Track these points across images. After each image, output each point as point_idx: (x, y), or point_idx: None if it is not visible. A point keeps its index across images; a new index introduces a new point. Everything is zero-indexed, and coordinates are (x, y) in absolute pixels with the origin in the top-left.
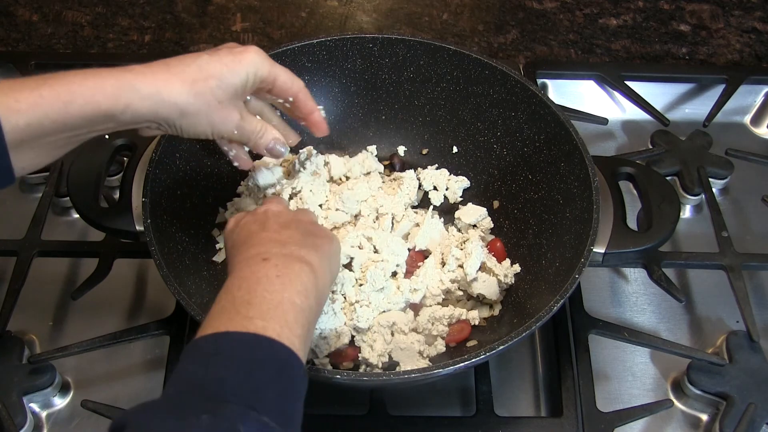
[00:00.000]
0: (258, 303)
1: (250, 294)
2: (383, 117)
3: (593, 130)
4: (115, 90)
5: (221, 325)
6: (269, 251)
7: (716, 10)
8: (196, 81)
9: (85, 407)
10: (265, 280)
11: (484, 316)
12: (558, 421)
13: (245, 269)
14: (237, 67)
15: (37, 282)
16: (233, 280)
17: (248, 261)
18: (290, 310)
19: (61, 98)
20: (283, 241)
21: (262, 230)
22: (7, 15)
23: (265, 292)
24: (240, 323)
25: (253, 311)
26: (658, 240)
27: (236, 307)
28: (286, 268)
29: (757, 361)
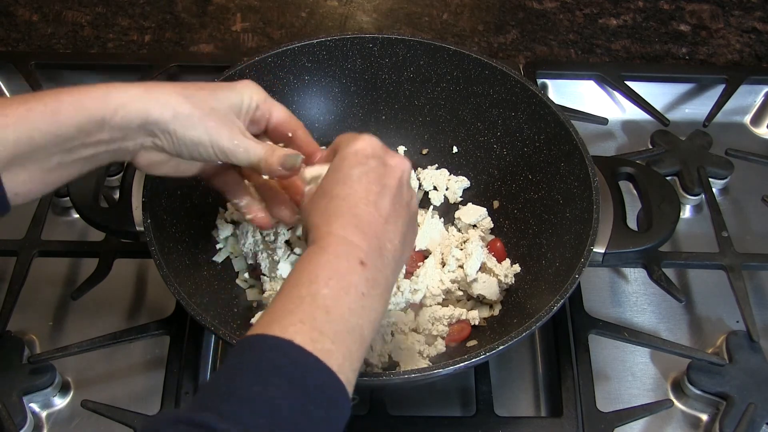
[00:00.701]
0: (336, 318)
1: (333, 300)
2: (383, 117)
3: (593, 130)
4: (104, 93)
5: (292, 326)
6: (370, 255)
7: (716, 10)
8: (186, 88)
9: (85, 407)
10: (354, 291)
11: (484, 316)
12: (558, 421)
13: (343, 261)
14: (230, 88)
15: (37, 282)
16: (324, 269)
17: (350, 250)
18: (358, 340)
19: (49, 107)
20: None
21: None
22: (7, 15)
23: (346, 308)
24: (309, 335)
25: (327, 326)
26: (658, 240)
27: (314, 309)
28: (373, 287)
29: (757, 361)
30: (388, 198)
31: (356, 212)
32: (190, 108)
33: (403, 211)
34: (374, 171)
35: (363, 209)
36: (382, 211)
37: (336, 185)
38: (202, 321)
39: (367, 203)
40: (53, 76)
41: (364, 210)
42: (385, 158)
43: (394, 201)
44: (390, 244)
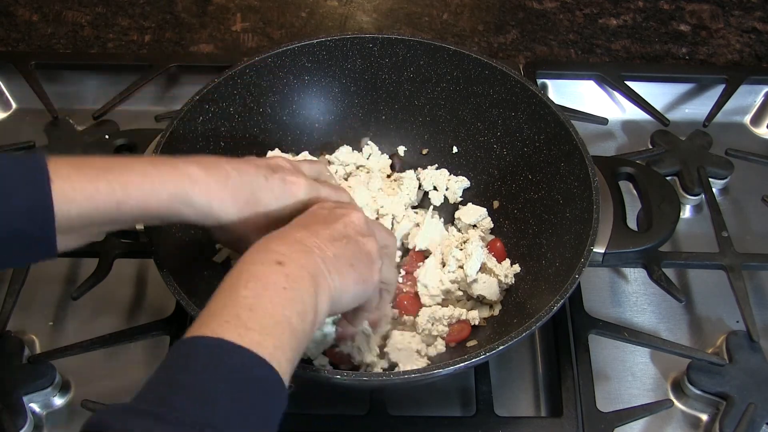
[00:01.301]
0: (260, 313)
1: (255, 299)
2: (383, 117)
3: (593, 130)
4: (170, 199)
5: (219, 326)
6: (289, 256)
7: (716, 10)
8: (245, 205)
9: (85, 407)
10: (273, 288)
11: (484, 316)
12: (558, 421)
13: (258, 266)
14: (284, 200)
15: (37, 282)
16: (243, 275)
17: (267, 256)
18: (287, 330)
19: (116, 196)
20: (312, 249)
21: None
22: (7, 15)
23: (268, 303)
24: (236, 331)
25: (252, 322)
26: (658, 240)
27: (237, 309)
28: (295, 282)
29: (757, 361)
30: (323, 227)
31: (285, 234)
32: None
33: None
34: (319, 214)
35: (293, 230)
36: (312, 230)
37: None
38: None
39: (299, 227)
40: (53, 76)
41: (295, 230)
42: (334, 209)
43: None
44: (318, 251)
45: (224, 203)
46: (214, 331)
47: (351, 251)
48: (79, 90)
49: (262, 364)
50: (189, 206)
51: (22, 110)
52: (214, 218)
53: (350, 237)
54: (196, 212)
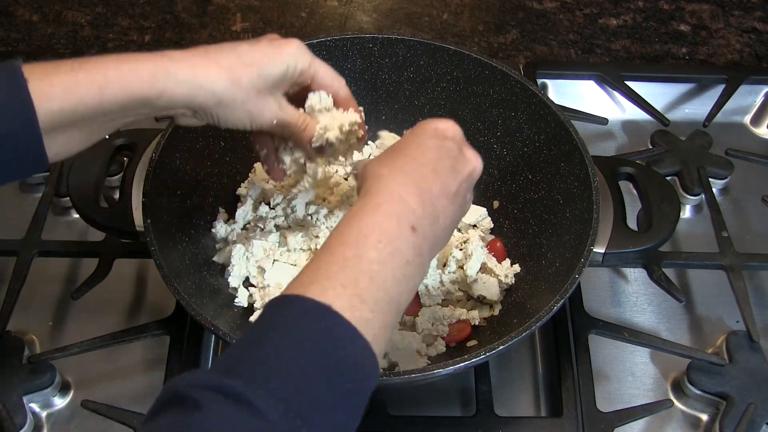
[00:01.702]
0: (378, 285)
1: (379, 266)
2: (383, 117)
3: (593, 130)
4: (151, 76)
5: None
6: (422, 222)
7: (716, 10)
8: (233, 68)
9: (85, 407)
10: (399, 257)
11: (484, 316)
12: (558, 421)
13: (393, 223)
14: (276, 57)
15: (37, 282)
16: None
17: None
18: (394, 310)
19: (96, 83)
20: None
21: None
22: (7, 15)
23: (390, 275)
24: (349, 301)
25: (368, 293)
26: (658, 240)
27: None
28: (418, 255)
29: (757, 361)
30: (455, 180)
31: (421, 174)
32: (234, 94)
33: (461, 199)
34: (449, 150)
35: (428, 174)
36: (446, 184)
37: (409, 146)
38: (202, 321)
39: (434, 170)
40: None
41: (429, 175)
42: (463, 147)
43: (459, 185)
44: (443, 218)
45: (209, 70)
46: (325, 294)
47: (461, 214)
48: None
49: (365, 350)
50: (173, 80)
51: None
52: (203, 90)
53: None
54: (183, 87)
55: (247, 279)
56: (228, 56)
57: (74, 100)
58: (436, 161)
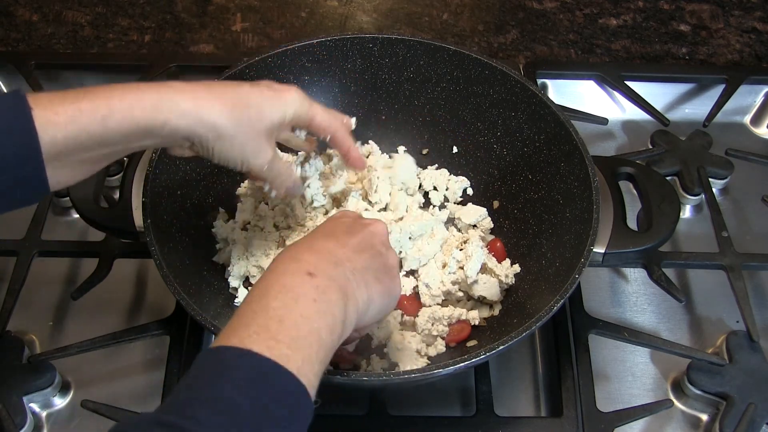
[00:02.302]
0: (289, 326)
1: (284, 310)
2: (383, 117)
3: (593, 130)
4: (155, 105)
5: (248, 337)
6: (319, 267)
7: (716, 10)
8: (235, 106)
9: (85, 407)
10: (303, 299)
11: (484, 316)
12: (558, 421)
13: (289, 277)
14: (276, 102)
15: (37, 282)
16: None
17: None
18: (315, 343)
19: (100, 112)
20: (341, 260)
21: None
22: (7, 15)
23: (299, 316)
24: (265, 344)
25: (282, 334)
26: (658, 240)
27: (267, 320)
28: (324, 293)
29: (757, 361)
30: (350, 238)
31: (313, 241)
32: (234, 131)
33: (370, 251)
34: (343, 222)
35: (320, 238)
36: (342, 242)
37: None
38: (202, 321)
39: (326, 236)
40: (53, 76)
41: (322, 239)
42: (358, 218)
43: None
44: (349, 263)
45: (212, 105)
46: (242, 342)
47: (377, 264)
48: None
49: (289, 379)
50: (177, 111)
51: None
52: (205, 123)
53: (375, 248)
54: (186, 119)
55: (247, 279)
56: (230, 94)
57: (78, 128)
58: (328, 231)
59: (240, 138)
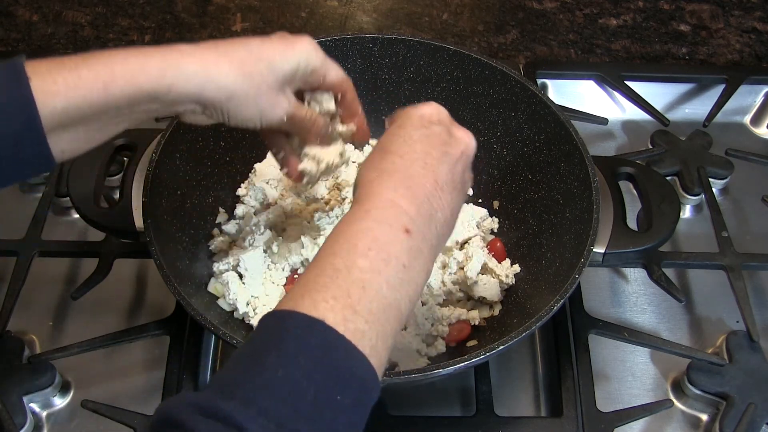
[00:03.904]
0: (372, 294)
1: (372, 274)
2: (383, 117)
3: (593, 130)
4: (160, 70)
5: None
6: (417, 222)
7: (716, 10)
8: (244, 62)
9: (85, 407)
10: (394, 263)
11: (484, 316)
12: (558, 421)
13: (385, 227)
14: (288, 53)
15: (37, 282)
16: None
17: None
18: (393, 317)
19: (101, 79)
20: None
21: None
22: (7, 15)
23: (384, 283)
24: (342, 314)
25: (362, 304)
26: (658, 240)
27: (350, 284)
28: (416, 259)
29: (757, 361)
30: (447, 165)
31: (411, 172)
32: (245, 89)
33: (459, 184)
34: (437, 136)
35: (418, 170)
36: (439, 176)
37: (395, 142)
38: (202, 321)
39: (425, 165)
40: None
41: (420, 171)
42: (451, 128)
43: (453, 171)
44: (441, 213)
45: (219, 65)
46: (316, 307)
47: (461, 199)
48: None
49: (362, 363)
50: (182, 76)
51: None
52: (214, 84)
53: (464, 178)
54: (193, 81)
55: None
56: (239, 50)
57: (79, 97)
58: (426, 154)
59: (252, 94)
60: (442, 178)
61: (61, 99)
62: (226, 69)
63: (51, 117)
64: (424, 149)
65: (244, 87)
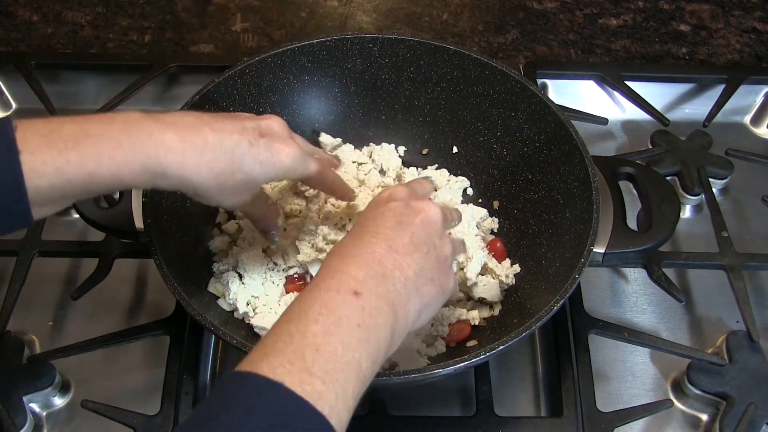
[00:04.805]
0: (327, 356)
1: (324, 337)
2: (383, 117)
3: (593, 130)
4: (143, 169)
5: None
6: (366, 283)
7: (716, 10)
8: (223, 173)
9: (85, 407)
10: (345, 324)
11: (484, 316)
12: (558, 421)
13: (333, 294)
14: (269, 167)
15: (37, 282)
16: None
17: (343, 281)
18: (353, 376)
19: (88, 168)
20: (391, 271)
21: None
22: (7, 15)
23: (338, 344)
24: (298, 376)
25: (317, 365)
26: (658, 240)
27: (304, 347)
28: (371, 317)
29: (757, 361)
30: (403, 232)
31: (361, 243)
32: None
33: (424, 248)
34: (391, 210)
35: (369, 240)
36: (391, 241)
37: (353, 229)
38: (202, 321)
39: (375, 234)
40: (53, 76)
41: (370, 240)
42: (409, 201)
43: (412, 237)
44: (399, 272)
45: (199, 172)
46: (273, 371)
47: (430, 262)
48: (79, 90)
49: (319, 422)
50: (163, 177)
51: (22, 110)
52: (189, 186)
53: (429, 242)
54: (170, 182)
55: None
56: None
57: (64, 180)
58: (378, 226)
59: (216, 194)
60: (398, 243)
61: (47, 180)
62: (204, 176)
63: (36, 194)
64: (377, 224)
65: (213, 189)
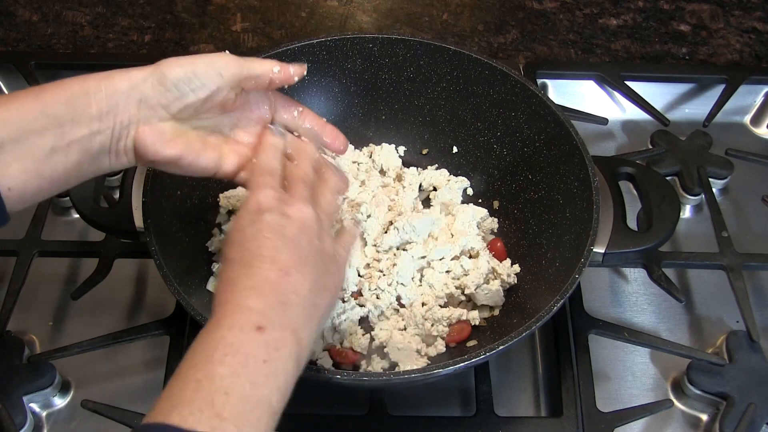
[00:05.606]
0: (236, 399)
1: (232, 379)
2: (383, 117)
3: (593, 130)
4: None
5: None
6: (268, 315)
7: (716, 10)
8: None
9: (85, 407)
10: (252, 362)
11: (484, 316)
12: (558, 421)
13: (236, 332)
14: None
15: (37, 282)
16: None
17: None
18: (264, 414)
19: (33, 92)
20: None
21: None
22: (7, 15)
23: (246, 383)
24: (209, 423)
25: (228, 409)
26: (658, 240)
27: (212, 393)
28: (276, 350)
29: (757, 361)
30: (287, 248)
31: (252, 272)
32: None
33: (311, 258)
34: (268, 225)
35: (258, 266)
36: (281, 264)
37: (232, 248)
38: (202, 321)
39: (262, 259)
40: (53, 76)
41: (260, 266)
42: (283, 208)
43: (296, 249)
44: (296, 296)
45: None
46: (184, 420)
47: (319, 269)
48: None
49: None
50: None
51: None
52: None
53: (312, 247)
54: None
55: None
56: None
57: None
58: (260, 247)
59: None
60: (288, 264)
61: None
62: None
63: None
64: (259, 245)
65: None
